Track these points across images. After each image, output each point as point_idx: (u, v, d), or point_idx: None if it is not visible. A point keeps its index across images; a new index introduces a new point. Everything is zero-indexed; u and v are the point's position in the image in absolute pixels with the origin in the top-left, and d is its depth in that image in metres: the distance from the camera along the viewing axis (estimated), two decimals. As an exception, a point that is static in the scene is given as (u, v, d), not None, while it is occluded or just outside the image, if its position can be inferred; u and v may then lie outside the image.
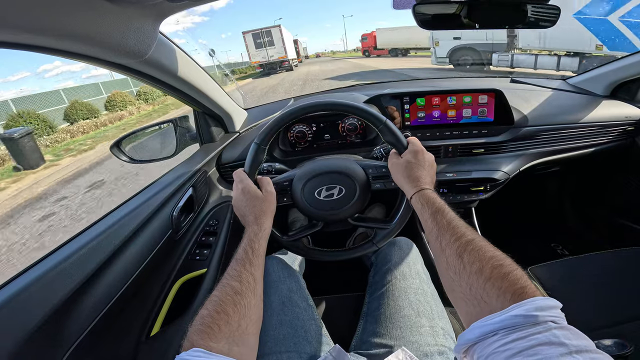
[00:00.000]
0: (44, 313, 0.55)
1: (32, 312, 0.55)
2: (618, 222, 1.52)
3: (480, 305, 0.42)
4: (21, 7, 0.45)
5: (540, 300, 0.37)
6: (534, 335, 0.34)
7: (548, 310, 0.36)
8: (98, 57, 0.67)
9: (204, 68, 1.04)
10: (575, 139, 1.25)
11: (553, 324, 0.35)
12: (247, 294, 0.55)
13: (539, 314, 0.36)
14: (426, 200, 0.63)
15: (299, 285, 0.86)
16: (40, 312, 0.55)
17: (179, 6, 0.66)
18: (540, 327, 0.35)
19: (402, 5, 1.07)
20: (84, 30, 0.57)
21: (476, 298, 0.43)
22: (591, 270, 1.04)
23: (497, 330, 0.37)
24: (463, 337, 0.42)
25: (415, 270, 0.85)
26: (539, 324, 0.35)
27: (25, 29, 0.49)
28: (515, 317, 0.36)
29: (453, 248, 0.50)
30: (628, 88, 1.34)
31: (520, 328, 0.35)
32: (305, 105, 0.77)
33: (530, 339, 0.34)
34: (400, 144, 0.75)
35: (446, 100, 1.17)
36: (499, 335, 0.37)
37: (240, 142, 1.24)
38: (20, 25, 0.48)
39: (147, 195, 0.91)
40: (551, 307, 0.37)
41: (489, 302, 0.41)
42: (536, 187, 1.90)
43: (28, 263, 0.63)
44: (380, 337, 0.72)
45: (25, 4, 0.45)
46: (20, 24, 0.47)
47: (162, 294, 0.89)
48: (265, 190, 0.75)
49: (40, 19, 0.49)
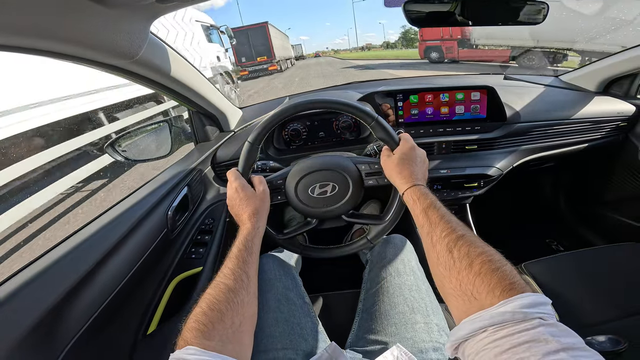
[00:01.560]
0: (39, 312, 0.56)
1: (28, 311, 0.55)
2: (612, 218, 1.53)
3: (470, 301, 0.42)
4: (11, 10, 0.45)
5: (528, 297, 0.37)
6: (522, 332, 0.34)
7: (536, 307, 0.36)
8: (88, 58, 0.67)
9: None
10: (568, 135, 1.26)
11: (542, 320, 0.35)
12: (241, 291, 0.55)
13: (527, 310, 0.36)
14: (418, 195, 0.64)
15: (295, 282, 0.86)
16: (36, 311, 0.55)
17: (169, 7, 0.66)
18: (529, 323, 0.35)
19: (393, 3, 1.08)
20: (73, 32, 0.57)
21: (466, 294, 0.43)
22: (585, 266, 1.04)
23: (486, 326, 0.37)
24: (454, 333, 0.42)
25: (409, 267, 0.86)
26: (527, 321, 0.35)
27: (14, 32, 0.49)
28: (504, 314, 0.37)
29: (444, 243, 0.51)
30: (620, 84, 1.36)
31: (508, 325, 0.36)
32: (298, 104, 0.77)
33: (518, 335, 0.34)
34: (392, 140, 0.76)
35: (439, 98, 1.17)
36: (488, 332, 0.37)
37: (235, 140, 1.24)
38: (10, 28, 0.48)
39: (142, 194, 0.91)
40: (540, 303, 0.37)
41: (479, 297, 0.41)
42: (530, 183, 1.91)
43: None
44: (376, 334, 0.73)
45: (14, 6, 0.45)
46: (10, 26, 0.47)
47: (158, 292, 0.89)
48: (258, 188, 0.76)
49: (30, 21, 0.49)
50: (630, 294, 0.93)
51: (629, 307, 0.89)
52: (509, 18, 0.89)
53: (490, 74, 1.78)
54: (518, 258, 0.47)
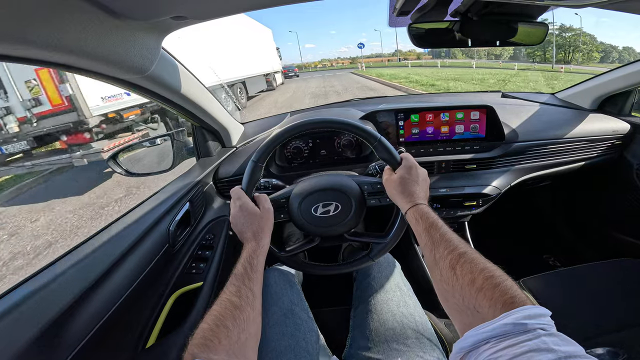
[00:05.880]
0: (40, 326, 0.55)
1: (29, 325, 0.55)
2: (608, 234, 1.55)
3: (473, 315, 0.44)
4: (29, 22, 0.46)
5: (529, 309, 0.39)
6: (524, 342, 0.35)
7: (537, 319, 0.38)
8: (101, 72, 0.68)
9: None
10: (564, 153, 1.28)
11: (542, 331, 0.36)
12: (246, 308, 0.56)
13: (528, 322, 0.37)
14: (420, 214, 0.65)
15: (299, 297, 0.87)
16: (37, 325, 0.55)
17: (182, 23, 0.67)
18: (530, 334, 0.36)
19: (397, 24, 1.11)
20: (90, 46, 0.58)
21: (469, 308, 0.45)
22: (583, 281, 1.05)
23: (489, 338, 0.38)
24: (457, 345, 0.43)
25: (395, 283, 0.87)
26: (529, 332, 0.36)
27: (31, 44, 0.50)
28: (505, 326, 0.38)
29: (446, 261, 0.52)
30: (615, 102, 1.38)
31: (510, 336, 0.37)
32: (301, 124, 0.78)
33: (520, 346, 0.35)
34: (394, 160, 0.77)
35: (439, 117, 1.20)
36: (491, 343, 0.38)
37: (237, 157, 1.25)
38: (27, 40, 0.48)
39: (144, 210, 0.91)
40: (540, 315, 0.38)
41: (481, 311, 0.43)
42: (528, 201, 1.93)
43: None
44: (368, 351, 0.74)
45: (33, 19, 0.46)
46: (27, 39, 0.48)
47: (158, 306, 0.89)
48: (262, 207, 0.76)
49: (47, 35, 0.50)
50: (627, 307, 0.94)
51: (627, 319, 0.90)
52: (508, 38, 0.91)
53: (488, 92, 1.81)
54: (516, 274, 0.48)
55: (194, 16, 0.63)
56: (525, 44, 0.92)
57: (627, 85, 1.28)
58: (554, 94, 1.58)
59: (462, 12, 0.80)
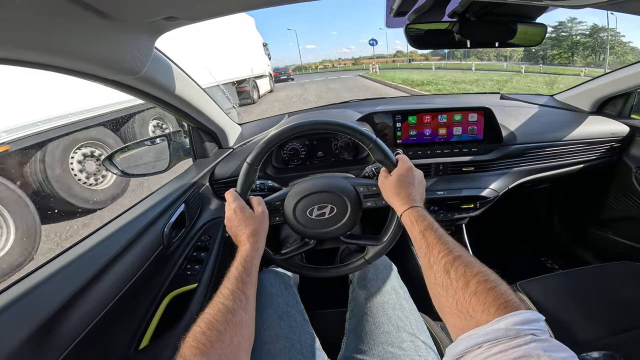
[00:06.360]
0: (31, 326, 0.55)
1: (20, 325, 0.55)
2: (606, 237, 1.54)
3: (466, 319, 0.43)
4: (18, 24, 0.45)
5: (522, 314, 0.39)
6: (515, 348, 0.35)
7: (529, 324, 0.37)
8: (92, 74, 0.67)
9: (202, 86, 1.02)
10: (562, 156, 1.27)
11: (534, 336, 0.36)
12: (239, 312, 0.56)
13: (520, 327, 0.37)
14: (416, 217, 0.64)
15: (295, 299, 0.86)
16: (28, 325, 0.55)
17: (175, 24, 0.67)
18: (521, 340, 0.36)
19: (395, 24, 1.10)
20: (80, 47, 0.57)
21: (462, 312, 0.44)
22: (580, 284, 1.05)
23: (482, 343, 0.38)
24: (451, 349, 0.43)
25: (391, 286, 0.87)
26: (520, 337, 0.36)
27: (20, 45, 0.49)
28: (497, 331, 0.38)
29: (441, 264, 0.52)
30: (614, 104, 1.38)
31: (502, 341, 0.37)
32: (297, 125, 0.78)
33: (512, 351, 0.35)
34: (389, 161, 0.76)
35: (437, 119, 1.19)
36: (483, 348, 0.38)
37: (233, 158, 1.24)
38: (16, 42, 0.48)
39: (139, 211, 0.91)
40: (532, 320, 0.38)
41: (475, 316, 0.42)
42: (526, 203, 1.92)
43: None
44: (363, 354, 0.73)
45: (22, 21, 0.45)
46: (16, 40, 0.47)
47: (151, 307, 0.89)
48: (257, 209, 0.76)
49: (36, 36, 0.49)
50: (624, 311, 0.93)
51: (624, 323, 0.89)
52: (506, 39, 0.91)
53: (487, 93, 1.80)
54: (513, 276, 0.48)
55: (186, 17, 0.63)
56: (524, 45, 0.91)
57: (626, 88, 1.27)
58: (553, 96, 1.58)
59: (459, 12, 0.79)
